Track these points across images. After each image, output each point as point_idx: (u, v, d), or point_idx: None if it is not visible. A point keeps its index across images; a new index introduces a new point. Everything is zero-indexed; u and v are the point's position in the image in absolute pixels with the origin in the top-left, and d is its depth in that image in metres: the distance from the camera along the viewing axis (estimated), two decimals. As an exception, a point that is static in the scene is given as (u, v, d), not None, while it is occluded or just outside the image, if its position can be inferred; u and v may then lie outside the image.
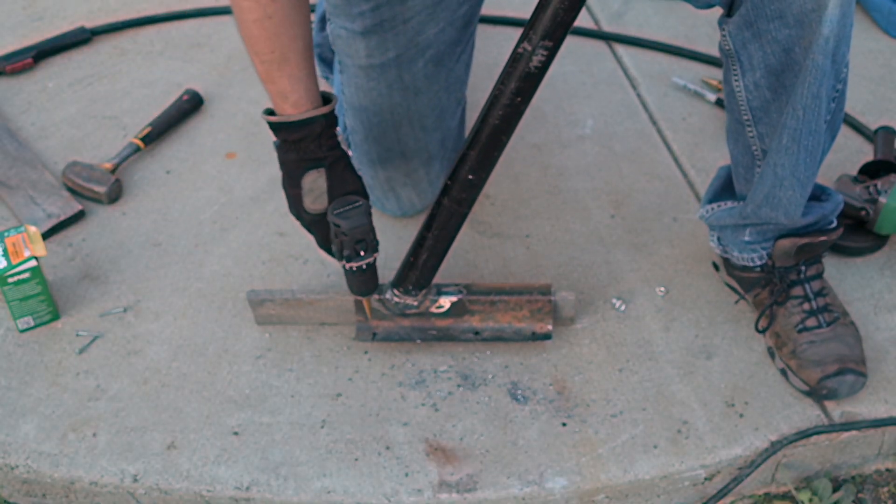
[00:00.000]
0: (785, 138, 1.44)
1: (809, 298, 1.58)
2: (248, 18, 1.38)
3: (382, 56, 1.63)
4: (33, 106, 2.13)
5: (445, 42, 1.66)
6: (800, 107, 1.40)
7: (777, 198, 1.51)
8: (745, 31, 1.39)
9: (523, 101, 1.40)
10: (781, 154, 1.46)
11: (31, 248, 1.63)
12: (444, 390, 1.58)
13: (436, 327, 1.63)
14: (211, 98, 2.14)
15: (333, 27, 1.66)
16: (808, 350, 1.54)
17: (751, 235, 1.61)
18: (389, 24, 1.60)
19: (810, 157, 1.46)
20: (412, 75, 1.66)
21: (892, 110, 2.09)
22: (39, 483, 1.48)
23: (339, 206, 1.48)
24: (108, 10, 2.42)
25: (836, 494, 1.53)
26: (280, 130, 1.46)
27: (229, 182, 1.96)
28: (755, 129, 1.48)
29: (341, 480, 1.46)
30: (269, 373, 1.60)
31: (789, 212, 1.53)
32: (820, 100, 1.40)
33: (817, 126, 1.43)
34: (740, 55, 1.42)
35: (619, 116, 2.11)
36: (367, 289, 1.57)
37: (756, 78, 1.42)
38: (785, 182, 1.49)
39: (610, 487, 1.47)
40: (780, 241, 1.58)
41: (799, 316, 1.58)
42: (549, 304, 1.61)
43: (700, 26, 2.34)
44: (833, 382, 1.51)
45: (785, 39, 1.36)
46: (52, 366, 1.61)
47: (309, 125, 1.45)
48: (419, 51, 1.64)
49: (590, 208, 1.89)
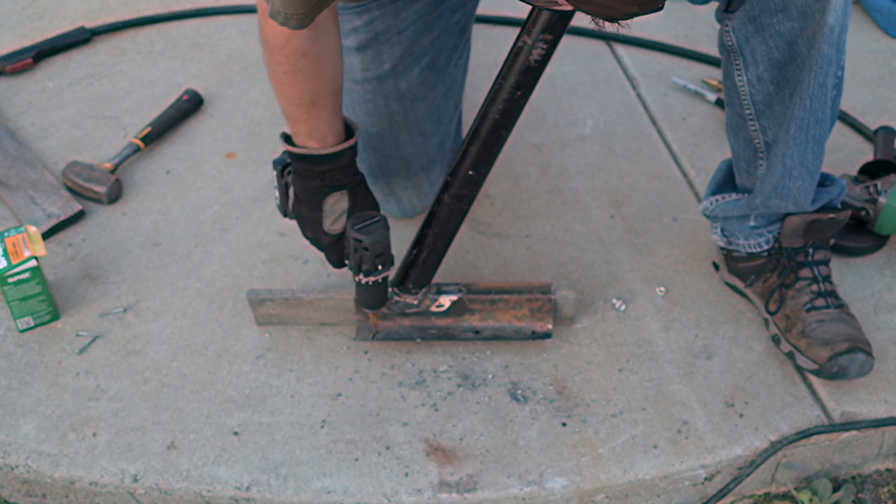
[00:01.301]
0: (793, 129, 1.44)
1: (818, 280, 1.58)
2: (278, 70, 1.41)
3: (378, 69, 1.64)
4: (33, 106, 2.13)
5: (441, 49, 1.65)
6: (807, 97, 1.40)
7: (787, 188, 1.51)
8: (749, 26, 1.39)
9: (523, 94, 1.40)
10: (790, 145, 1.46)
11: (31, 248, 1.63)
12: (444, 390, 1.58)
13: (436, 326, 1.63)
14: (211, 98, 2.14)
15: None
16: (818, 329, 1.53)
17: (756, 220, 1.61)
18: (384, 37, 1.60)
19: (818, 145, 1.47)
20: (409, 83, 1.65)
21: (892, 110, 2.09)
22: (39, 483, 1.48)
23: (359, 222, 1.49)
24: (108, 10, 2.42)
25: (836, 494, 1.53)
26: (304, 161, 1.47)
27: (229, 182, 1.96)
28: (758, 122, 1.48)
29: (341, 480, 1.46)
30: (269, 373, 1.60)
31: (799, 201, 1.53)
32: (826, 88, 1.41)
33: (824, 114, 1.44)
34: (743, 50, 1.42)
35: (619, 116, 2.11)
36: (380, 302, 1.58)
37: (759, 72, 1.42)
38: (794, 172, 1.49)
39: (610, 487, 1.47)
40: (790, 219, 1.58)
41: (808, 296, 1.57)
42: (549, 302, 1.61)
43: (700, 26, 2.34)
44: (844, 360, 1.50)
45: (788, 32, 1.36)
46: (52, 366, 1.61)
47: (337, 158, 1.47)
48: (415, 59, 1.64)
49: (590, 208, 1.89)
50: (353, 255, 1.51)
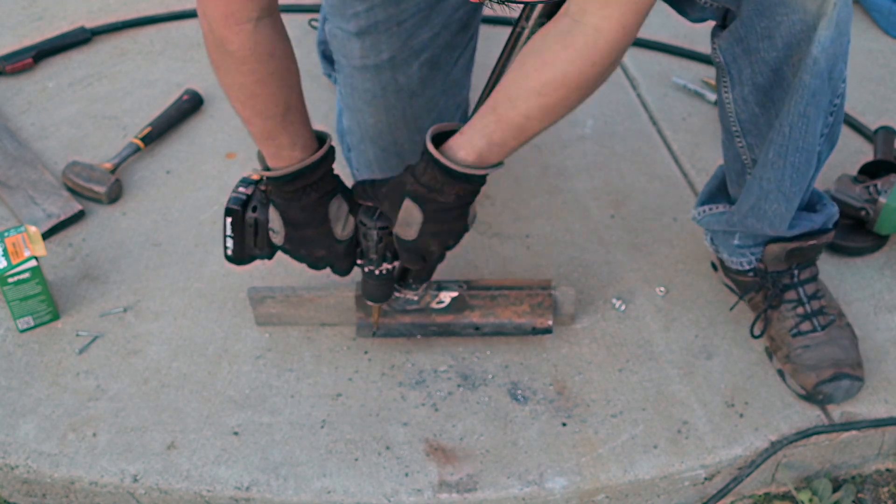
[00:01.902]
0: (771, 153, 1.44)
1: (803, 302, 1.58)
2: (249, 81, 1.35)
3: (377, 57, 1.63)
4: (33, 106, 2.13)
5: (440, 46, 1.65)
6: (786, 124, 1.39)
7: (762, 210, 1.51)
8: (736, 47, 1.38)
9: None
10: (767, 168, 1.46)
11: (31, 248, 1.63)
12: (444, 390, 1.58)
13: (436, 323, 1.63)
14: (211, 98, 2.14)
15: (330, 27, 1.66)
16: (804, 355, 1.54)
17: (740, 240, 1.60)
18: (384, 26, 1.60)
19: (797, 172, 1.46)
20: (407, 78, 1.65)
21: (892, 110, 2.09)
22: (39, 483, 1.48)
23: (368, 214, 1.48)
24: (108, 10, 2.42)
25: (836, 494, 1.53)
26: (298, 177, 1.42)
27: (229, 182, 1.94)
28: (744, 139, 1.48)
29: (341, 480, 1.46)
30: (269, 373, 1.60)
31: (774, 224, 1.52)
32: (807, 118, 1.39)
33: (805, 143, 1.42)
34: (730, 69, 1.41)
35: (619, 116, 2.11)
36: (388, 293, 1.57)
37: (744, 93, 1.42)
38: (770, 195, 1.48)
39: (610, 487, 1.47)
40: (770, 247, 1.58)
41: (793, 320, 1.57)
42: (549, 297, 1.62)
43: (700, 26, 2.33)
44: (829, 388, 1.51)
45: (773, 60, 1.36)
46: (52, 366, 1.61)
47: (327, 161, 1.44)
48: (413, 53, 1.63)
49: (590, 208, 1.89)
50: (378, 245, 1.49)
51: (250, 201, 1.52)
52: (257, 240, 1.53)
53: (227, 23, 1.29)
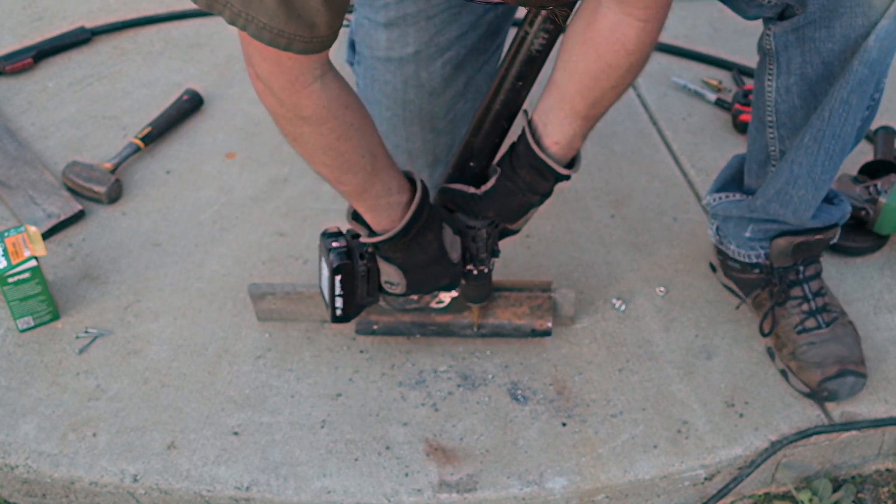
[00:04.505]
0: (807, 137, 1.44)
1: (808, 299, 1.58)
2: (331, 140, 1.30)
3: (402, 50, 1.62)
4: (33, 106, 2.13)
5: (467, 47, 1.64)
6: (827, 109, 1.40)
7: (789, 195, 1.51)
8: (791, 35, 1.38)
9: (525, 85, 1.40)
10: (801, 152, 1.46)
11: (31, 248, 1.63)
12: (444, 390, 1.58)
13: (435, 323, 1.63)
14: (211, 98, 2.14)
15: (357, 16, 1.65)
16: (808, 352, 1.54)
17: (752, 233, 1.60)
18: (413, 19, 1.59)
19: (829, 160, 1.46)
20: (430, 74, 1.64)
21: (893, 110, 2.09)
22: (39, 483, 1.48)
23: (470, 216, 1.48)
24: (108, 10, 2.42)
25: (836, 494, 1.53)
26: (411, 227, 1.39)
27: (229, 182, 1.96)
28: (776, 131, 1.48)
29: (341, 480, 1.46)
30: (269, 373, 1.60)
31: (799, 211, 1.52)
32: (849, 105, 1.39)
33: (841, 131, 1.42)
34: (780, 56, 1.41)
35: (619, 116, 2.10)
36: (490, 289, 1.58)
37: (789, 83, 1.42)
38: (799, 181, 1.48)
39: (610, 487, 1.47)
40: (777, 241, 1.58)
41: (798, 317, 1.57)
42: (548, 300, 1.62)
43: (700, 26, 2.34)
44: (833, 384, 1.51)
45: (827, 52, 1.36)
46: (52, 366, 1.61)
47: (426, 194, 1.42)
48: (438, 50, 1.62)
49: (590, 208, 1.89)
50: (487, 242, 1.49)
51: (351, 252, 1.46)
52: (369, 288, 1.48)
53: (296, 88, 1.24)
